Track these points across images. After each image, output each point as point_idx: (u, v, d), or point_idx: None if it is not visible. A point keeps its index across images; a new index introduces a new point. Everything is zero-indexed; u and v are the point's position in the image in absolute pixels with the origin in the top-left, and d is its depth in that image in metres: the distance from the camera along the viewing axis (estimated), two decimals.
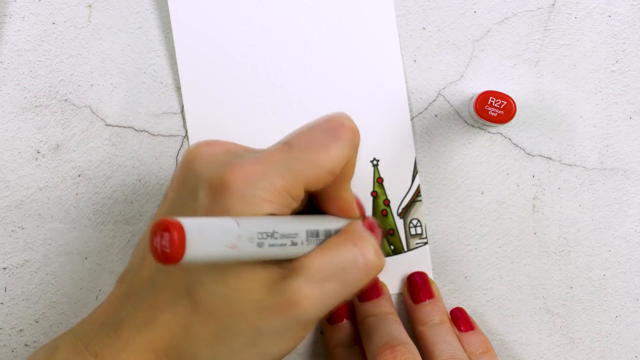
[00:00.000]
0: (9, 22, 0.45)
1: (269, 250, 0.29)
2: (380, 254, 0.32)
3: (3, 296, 0.44)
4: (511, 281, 0.46)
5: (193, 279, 0.31)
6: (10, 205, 0.44)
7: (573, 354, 0.46)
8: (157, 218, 0.34)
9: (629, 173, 0.46)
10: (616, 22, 0.46)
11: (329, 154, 0.31)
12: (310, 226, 0.32)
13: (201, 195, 0.30)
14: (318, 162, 0.31)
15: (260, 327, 0.31)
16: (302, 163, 0.31)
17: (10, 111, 0.45)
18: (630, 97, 0.46)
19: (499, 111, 0.43)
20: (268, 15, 0.45)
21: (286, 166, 0.31)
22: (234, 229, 0.27)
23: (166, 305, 0.31)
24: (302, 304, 0.30)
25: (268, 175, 0.30)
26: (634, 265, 0.46)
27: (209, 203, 0.30)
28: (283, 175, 0.30)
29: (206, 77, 0.45)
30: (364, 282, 0.32)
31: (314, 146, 0.31)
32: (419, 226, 0.46)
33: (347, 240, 0.32)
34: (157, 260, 0.25)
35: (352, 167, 0.33)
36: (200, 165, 0.32)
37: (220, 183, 0.30)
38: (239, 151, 0.33)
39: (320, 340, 0.45)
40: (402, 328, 0.42)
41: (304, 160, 0.31)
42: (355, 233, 0.33)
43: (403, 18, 0.46)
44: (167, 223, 0.25)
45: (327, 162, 0.31)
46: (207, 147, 0.33)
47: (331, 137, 0.32)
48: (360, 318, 0.43)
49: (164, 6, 0.45)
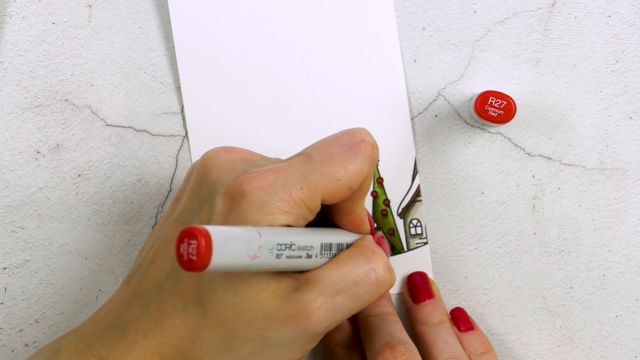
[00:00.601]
0: (9, 22, 0.45)
1: (286, 261, 0.29)
2: (391, 270, 0.33)
3: (3, 296, 0.44)
4: (511, 281, 0.46)
5: (205, 286, 0.31)
6: (10, 205, 0.44)
7: (573, 354, 0.46)
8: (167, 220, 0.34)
9: (629, 173, 0.46)
10: (616, 22, 0.46)
11: (349, 168, 0.31)
12: (324, 239, 0.32)
13: (218, 202, 0.30)
14: (337, 176, 0.31)
15: (270, 336, 0.31)
16: (321, 176, 0.31)
17: (10, 111, 0.45)
18: (630, 97, 0.46)
19: (499, 111, 0.43)
20: (268, 15, 0.45)
21: (305, 178, 0.31)
22: (256, 239, 0.27)
23: (175, 310, 0.31)
24: (313, 316, 0.30)
25: (287, 185, 0.30)
26: (634, 265, 0.46)
27: (225, 210, 0.30)
28: (302, 187, 0.30)
29: (206, 77, 0.45)
30: (375, 297, 0.32)
31: (334, 160, 0.31)
32: (419, 226, 0.46)
33: (360, 255, 0.32)
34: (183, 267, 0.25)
35: (368, 183, 0.33)
36: (218, 171, 0.32)
37: (238, 191, 0.30)
38: (256, 159, 0.33)
39: (320, 340, 0.45)
40: (402, 328, 0.42)
41: (323, 173, 0.31)
42: (368, 248, 0.33)
43: (403, 18, 0.46)
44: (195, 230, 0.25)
45: (346, 177, 0.31)
46: (225, 154, 0.33)
47: (351, 152, 0.32)
48: (361, 318, 0.43)
49: (164, 6, 0.45)
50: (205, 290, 0.30)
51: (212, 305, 0.30)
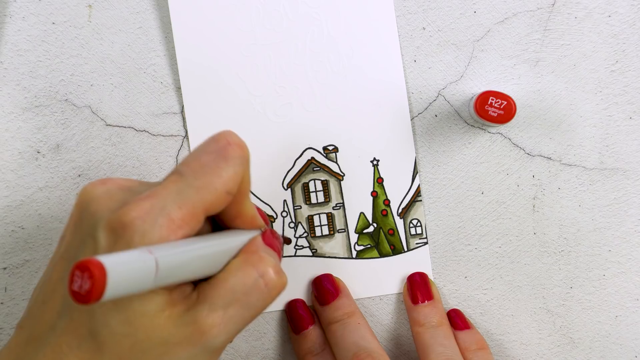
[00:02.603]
0: (9, 22, 0.45)
1: (182, 274, 0.29)
2: (280, 272, 0.32)
3: (3, 296, 0.44)
4: (511, 281, 0.46)
5: (97, 321, 0.30)
6: (10, 205, 0.44)
7: (573, 354, 0.46)
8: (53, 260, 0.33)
9: (629, 173, 0.46)
10: (616, 22, 0.46)
11: (222, 175, 0.31)
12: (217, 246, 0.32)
13: (100, 236, 0.30)
14: (213, 185, 0.31)
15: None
16: (196, 191, 0.30)
17: (11, 111, 0.45)
18: (630, 97, 0.46)
19: (499, 111, 0.43)
20: (268, 16, 0.45)
21: (181, 196, 0.30)
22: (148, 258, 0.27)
23: (70, 349, 0.30)
24: (207, 333, 0.30)
25: (165, 210, 0.29)
26: (634, 265, 0.46)
27: (110, 244, 0.29)
28: (180, 206, 0.30)
29: (206, 77, 0.45)
30: (268, 303, 0.32)
31: (206, 171, 0.31)
32: (419, 226, 0.46)
33: (247, 263, 0.32)
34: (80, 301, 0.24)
35: (247, 182, 0.33)
36: (96, 205, 0.31)
37: (119, 224, 0.29)
38: (134, 186, 0.32)
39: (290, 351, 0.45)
40: (367, 331, 0.42)
41: (198, 187, 0.30)
42: (255, 255, 0.32)
43: (403, 18, 0.46)
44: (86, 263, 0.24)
45: (222, 184, 0.31)
46: (102, 186, 0.32)
47: (221, 158, 0.31)
48: (324, 325, 0.44)
49: (164, 6, 0.45)
50: (98, 325, 0.30)
51: (107, 340, 0.30)
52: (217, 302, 0.31)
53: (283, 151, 0.45)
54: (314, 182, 0.46)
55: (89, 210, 0.31)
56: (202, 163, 0.31)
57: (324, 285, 0.44)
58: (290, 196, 0.45)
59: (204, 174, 0.31)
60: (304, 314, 0.44)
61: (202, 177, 0.31)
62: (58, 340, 0.31)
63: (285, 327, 0.46)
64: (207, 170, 0.31)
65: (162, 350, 0.30)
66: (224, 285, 0.31)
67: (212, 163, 0.31)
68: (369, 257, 0.46)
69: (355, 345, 0.41)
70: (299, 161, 0.45)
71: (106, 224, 0.30)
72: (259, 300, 0.32)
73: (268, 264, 0.32)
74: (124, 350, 0.30)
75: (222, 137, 0.32)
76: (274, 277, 0.32)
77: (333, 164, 0.46)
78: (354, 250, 0.46)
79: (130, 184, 0.33)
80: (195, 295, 0.31)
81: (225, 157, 0.31)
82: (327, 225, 0.46)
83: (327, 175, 0.46)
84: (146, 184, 0.33)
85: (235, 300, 0.31)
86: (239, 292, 0.31)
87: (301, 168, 0.45)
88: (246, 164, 0.32)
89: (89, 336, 0.30)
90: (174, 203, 0.30)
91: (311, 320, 0.44)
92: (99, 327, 0.30)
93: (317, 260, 0.45)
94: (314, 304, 0.45)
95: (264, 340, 0.45)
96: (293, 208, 0.45)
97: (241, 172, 0.32)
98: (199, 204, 0.30)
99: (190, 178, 0.31)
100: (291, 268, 0.45)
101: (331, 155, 0.46)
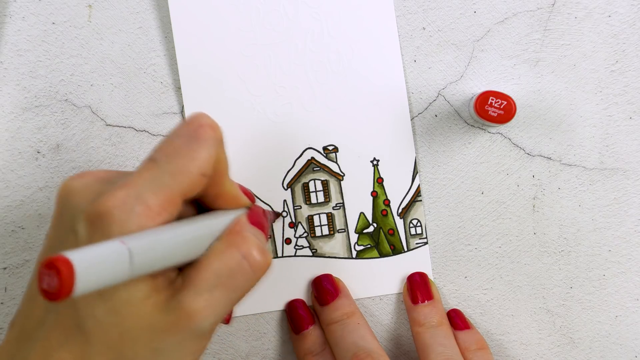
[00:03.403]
0: (9, 22, 0.45)
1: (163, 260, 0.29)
2: (264, 252, 0.32)
3: (3, 296, 0.44)
4: (511, 281, 0.46)
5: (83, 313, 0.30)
6: (10, 205, 0.44)
7: (573, 354, 0.46)
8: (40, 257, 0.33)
9: (629, 173, 0.46)
10: (616, 22, 0.46)
11: (195, 157, 0.31)
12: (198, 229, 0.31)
13: (80, 229, 0.30)
14: (187, 169, 0.30)
15: (159, 347, 0.30)
16: (171, 176, 0.30)
17: (11, 111, 0.45)
18: (630, 97, 0.46)
19: (499, 111, 0.43)
20: (268, 15, 0.45)
21: (157, 182, 0.30)
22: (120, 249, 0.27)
23: (59, 344, 0.30)
24: (194, 317, 0.30)
25: (141, 197, 0.29)
26: (634, 265, 0.46)
27: (89, 235, 0.29)
28: (156, 192, 0.30)
29: (206, 77, 0.45)
30: (253, 284, 0.32)
31: (178, 154, 0.31)
32: (419, 226, 0.46)
33: (230, 245, 0.32)
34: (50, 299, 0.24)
35: (223, 162, 0.33)
36: (74, 198, 0.31)
37: (96, 214, 0.29)
38: (112, 177, 0.32)
39: (290, 351, 0.45)
40: (367, 331, 0.42)
41: (172, 172, 0.30)
42: (238, 235, 0.32)
43: (403, 18, 0.46)
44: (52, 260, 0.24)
45: (196, 167, 0.31)
46: (79, 179, 0.32)
47: (194, 141, 0.31)
48: (324, 325, 0.44)
49: (164, 6, 0.45)
50: (84, 317, 0.30)
51: (94, 331, 0.30)
52: (202, 286, 0.30)
53: (283, 151, 0.45)
54: (314, 182, 0.46)
55: (68, 204, 0.31)
56: (175, 147, 0.31)
57: (323, 285, 0.44)
58: (290, 196, 0.45)
59: (177, 158, 0.31)
60: (304, 314, 0.44)
61: (176, 161, 0.30)
62: (47, 335, 0.31)
63: (285, 327, 0.46)
64: (180, 153, 0.31)
65: (150, 337, 0.30)
66: (208, 268, 0.31)
67: (184, 146, 0.31)
68: (369, 257, 0.46)
69: (355, 345, 0.41)
70: (299, 161, 0.45)
71: (85, 216, 0.29)
72: (244, 282, 0.31)
73: (252, 244, 0.32)
74: (112, 340, 0.30)
75: (194, 120, 0.32)
76: (258, 258, 0.31)
77: (333, 164, 0.46)
78: (354, 250, 0.46)
79: (107, 175, 0.33)
80: (180, 280, 0.31)
81: (198, 139, 0.31)
82: (327, 225, 0.46)
83: (327, 175, 0.46)
84: (124, 174, 0.33)
85: (220, 284, 0.31)
86: (223, 276, 0.31)
87: (301, 168, 0.45)
88: (220, 145, 0.32)
89: (76, 329, 0.30)
90: (149, 190, 0.30)
91: (311, 320, 0.44)
92: (85, 319, 0.30)
93: (317, 260, 0.45)
94: (314, 304, 0.45)
95: (264, 340, 0.45)
96: (293, 208, 0.45)
97: (215, 153, 0.31)
98: (175, 189, 0.30)
99: (164, 163, 0.30)
100: (291, 268, 0.45)
101: (331, 155, 0.46)
